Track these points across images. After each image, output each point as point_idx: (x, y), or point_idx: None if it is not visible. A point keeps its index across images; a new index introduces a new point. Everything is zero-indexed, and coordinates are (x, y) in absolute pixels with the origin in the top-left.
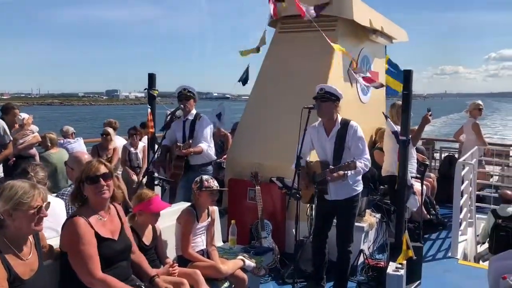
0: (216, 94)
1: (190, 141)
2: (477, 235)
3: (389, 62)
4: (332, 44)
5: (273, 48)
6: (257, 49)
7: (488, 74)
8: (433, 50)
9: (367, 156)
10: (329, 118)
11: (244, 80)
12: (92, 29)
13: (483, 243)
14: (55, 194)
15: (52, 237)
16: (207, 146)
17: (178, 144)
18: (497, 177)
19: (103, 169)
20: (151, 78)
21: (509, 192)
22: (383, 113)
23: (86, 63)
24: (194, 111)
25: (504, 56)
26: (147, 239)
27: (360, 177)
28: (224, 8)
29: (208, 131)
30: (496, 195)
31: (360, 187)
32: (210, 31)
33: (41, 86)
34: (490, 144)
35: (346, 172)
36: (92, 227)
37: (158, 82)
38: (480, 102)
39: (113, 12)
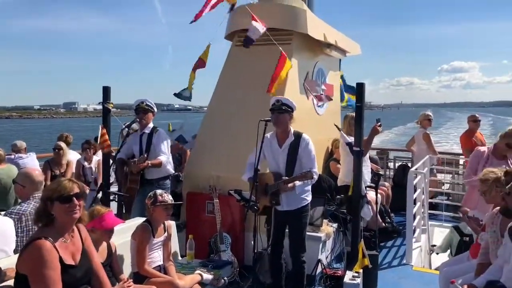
0: (177, 106)
1: (146, 155)
2: (433, 245)
3: (343, 78)
4: (287, 60)
5: (230, 60)
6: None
7: (441, 85)
8: (389, 63)
9: (316, 169)
10: (284, 130)
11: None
12: (45, 41)
13: (437, 253)
14: (3, 213)
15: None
16: (167, 158)
17: (134, 159)
18: (448, 184)
19: (76, 189)
20: (106, 91)
21: (468, 209)
22: (335, 125)
23: (39, 75)
24: (151, 125)
25: (456, 68)
26: (101, 256)
27: (309, 188)
28: (182, 20)
29: (166, 144)
30: (448, 202)
31: (309, 198)
32: (170, 43)
33: None
34: (440, 153)
35: (295, 182)
36: (57, 251)
37: (118, 94)
38: (429, 112)
39: (67, 23)
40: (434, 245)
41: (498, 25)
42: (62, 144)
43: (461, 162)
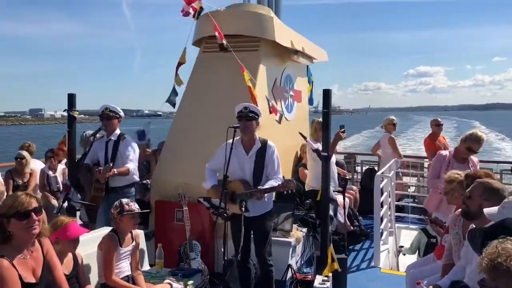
0: (147, 111)
1: (111, 164)
2: (401, 246)
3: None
4: (244, 73)
5: (198, 67)
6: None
7: (407, 89)
8: (356, 68)
9: (281, 176)
10: (251, 137)
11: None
12: (8, 45)
13: (404, 254)
14: None
15: None
16: (134, 165)
17: (99, 167)
18: (413, 187)
19: (34, 203)
20: (71, 98)
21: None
22: (300, 133)
23: (2, 80)
24: (118, 131)
25: (421, 72)
26: (66, 268)
27: (273, 194)
28: (151, 25)
29: (133, 151)
30: (414, 204)
31: (272, 202)
32: (138, 48)
33: None
34: (405, 156)
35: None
36: (16, 269)
37: (87, 100)
38: (393, 117)
39: (32, 27)
40: (402, 246)
41: (462, 31)
42: (25, 153)
43: (425, 165)
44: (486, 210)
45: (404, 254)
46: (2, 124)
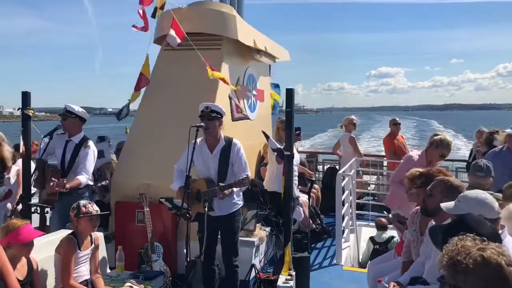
0: (110, 109)
1: (65, 181)
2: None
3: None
4: (209, 70)
5: (159, 65)
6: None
7: (369, 89)
8: (320, 68)
9: (249, 173)
10: (214, 136)
11: (123, 115)
12: None
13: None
14: None
15: None
16: (86, 179)
17: (53, 179)
18: (373, 185)
19: None
20: (25, 96)
21: (383, 219)
22: (263, 132)
23: None
24: (82, 134)
25: (383, 73)
26: (20, 273)
27: (241, 192)
28: (113, 21)
29: (91, 162)
30: (374, 202)
31: (241, 202)
32: (100, 44)
33: None
34: (365, 155)
35: (232, 189)
36: None
37: (48, 97)
38: (353, 117)
39: None
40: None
41: (421, 33)
42: None
43: (384, 163)
44: (443, 205)
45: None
46: None
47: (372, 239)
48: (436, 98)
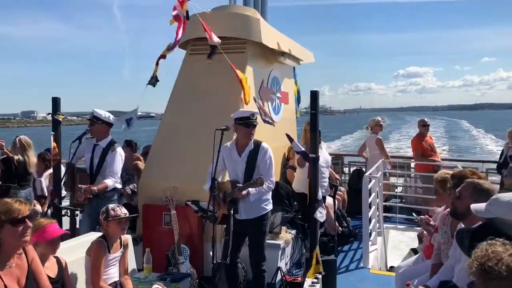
0: (140, 113)
1: (93, 187)
2: (391, 267)
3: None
4: (236, 71)
5: (185, 69)
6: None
7: (397, 90)
8: (347, 69)
9: (273, 178)
10: (249, 141)
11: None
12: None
13: None
14: None
15: None
16: (113, 182)
17: (79, 186)
18: (401, 187)
19: (27, 211)
20: (55, 102)
21: (425, 233)
22: (286, 134)
23: None
24: (109, 138)
25: (411, 73)
26: (51, 271)
27: (269, 196)
28: (141, 26)
29: (118, 165)
30: (401, 204)
31: (269, 206)
32: (129, 49)
33: None
34: (392, 157)
35: (249, 190)
36: (1, 279)
37: (79, 102)
38: (379, 118)
39: (24, 29)
40: (392, 267)
41: (449, 32)
42: None
43: (412, 165)
44: (473, 206)
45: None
46: (8, 126)
47: (414, 250)
48: (467, 98)
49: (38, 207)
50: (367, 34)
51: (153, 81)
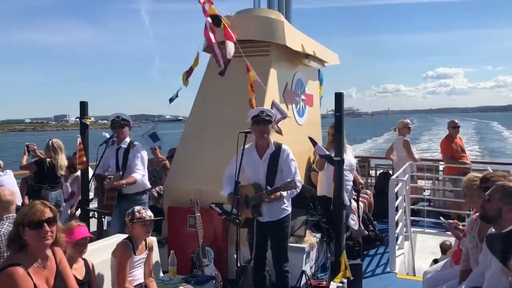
0: (168, 117)
1: (120, 173)
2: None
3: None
4: (252, 74)
5: (209, 73)
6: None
7: (426, 91)
8: (375, 70)
9: (299, 177)
10: (266, 141)
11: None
12: (30, 53)
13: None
14: None
15: None
16: (141, 175)
17: (108, 176)
18: (429, 191)
19: (48, 213)
20: (83, 106)
21: (447, 242)
22: (309, 137)
23: (30, 88)
24: (128, 139)
25: (441, 74)
26: (79, 273)
27: (290, 198)
28: (168, 31)
29: (141, 160)
30: (430, 208)
31: (290, 208)
32: (157, 54)
33: None
34: (421, 159)
35: (282, 193)
36: (31, 277)
37: (107, 106)
38: (408, 120)
39: (54, 35)
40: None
41: (481, 32)
42: None
43: (440, 168)
44: None
45: None
46: (46, 129)
47: (436, 261)
48: (499, 99)
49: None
50: (395, 35)
51: (174, 97)
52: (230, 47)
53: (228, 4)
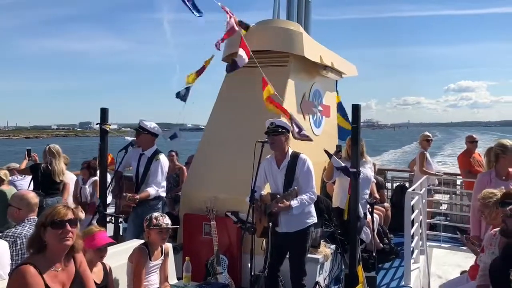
0: (190, 125)
1: (136, 196)
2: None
3: (340, 104)
4: (269, 87)
5: (227, 82)
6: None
7: (448, 104)
8: (395, 82)
9: (314, 189)
10: (281, 151)
11: (182, 97)
12: (57, 61)
13: None
14: None
15: None
16: (155, 191)
17: (124, 194)
18: (446, 205)
19: (70, 215)
20: (104, 112)
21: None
22: (325, 150)
23: (54, 95)
24: (154, 148)
25: (462, 87)
26: (97, 277)
27: (312, 210)
28: (189, 40)
29: (161, 174)
30: (446, 222)
31: (311, 220)
32: (177, 62)
33: (8, 119)
34: (438, 173)
35: (290, 202)
36: (42, 278)
37: (131, 113)
38: (428, 133)
39: (79, 44)
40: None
41: (503, 45)
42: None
43: (458, 182)
44: None
45: None
46: (48, 136)
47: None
48: None
49: (82, 214)
50: (415, 47)
51: (182, 93)
52: (244, 56)
53: (248, 15)
